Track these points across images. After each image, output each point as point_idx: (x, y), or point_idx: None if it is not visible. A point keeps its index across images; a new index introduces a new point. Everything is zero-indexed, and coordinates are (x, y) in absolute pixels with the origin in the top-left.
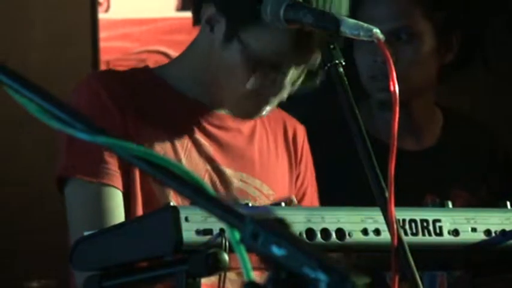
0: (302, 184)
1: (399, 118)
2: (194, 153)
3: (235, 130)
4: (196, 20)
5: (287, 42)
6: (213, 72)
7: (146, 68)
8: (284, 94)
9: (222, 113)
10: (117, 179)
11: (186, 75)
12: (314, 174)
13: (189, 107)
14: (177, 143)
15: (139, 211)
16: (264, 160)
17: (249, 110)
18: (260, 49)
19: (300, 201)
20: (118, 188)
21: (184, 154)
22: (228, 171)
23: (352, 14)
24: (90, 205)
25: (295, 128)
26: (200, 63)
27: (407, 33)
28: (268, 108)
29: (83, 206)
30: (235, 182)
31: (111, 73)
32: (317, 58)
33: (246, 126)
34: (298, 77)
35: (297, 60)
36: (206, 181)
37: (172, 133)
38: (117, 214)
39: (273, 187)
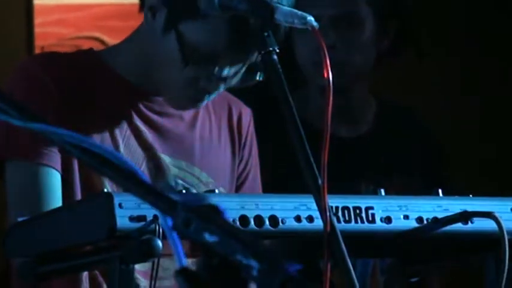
0: (244, 169)
1: (337, 105)
2: (132, 141)
3: (176, 116)
4: (141, 6)
5: (223, 39)
6: (153, 59)
7: (90, 51)
8: (221, 89)
9: (161, 98)
10: (56, 160)
11: (130, 60)
12: (257, 159)
13: (130, 92)
14: (116, 130)
15: (78, 196)
16: (204, 147)
17: (184, 102)
18: (196, 42)
19: (240, 185)
20: (56, 169)
21: (122, 141)
22: (167, 159)
23: None
24: (27, 186)
25: (241, 111)
26: (143, 49)
27: (350, 19)
28: (203, 103)
29: (20, 187)
30: (173, 170)
31: (51, 56)
32: (254, 56)
33: (187, 112)
34: (236, 73)
35: (233, 57)
36: (143, 169)
37: (112, 119)
38: (55, 195)
39: (213, 175)
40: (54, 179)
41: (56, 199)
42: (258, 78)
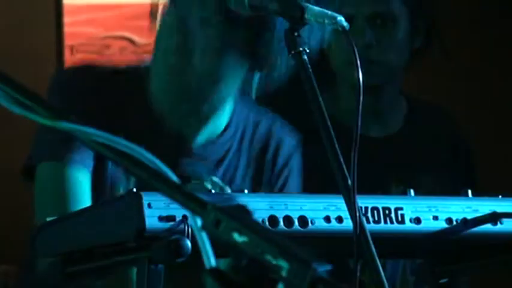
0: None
1: (368, 104)
2: None
3: (199, 157)
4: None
5: None
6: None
7: (137, 67)
8: None
9: (189, 138)
10: (85, 159)
11: (157, 89)
12: (298, 182)
13: (156, 128)
14: None
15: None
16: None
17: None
18: None
19: None
20: (86, 168)
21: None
22: None
23: None
24: (57, 185)
25: (281, 142)
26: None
27: (386, 18)
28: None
29: (49, 187)
30: None
31: (90, 71)
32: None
33: (215, 151)
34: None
35: None
36: None
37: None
38: (84, 194)
39: None
40: (84, 178)
41: (85, 198)
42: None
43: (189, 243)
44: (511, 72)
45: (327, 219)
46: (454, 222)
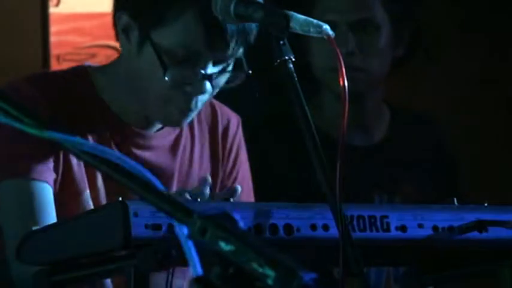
0: (230, 175)
1: (351, 112)
2: None
3: (157, 148)
4: (116, 34)
5: (197, 36)
6: (136, 81)
7: (83, 71)
8: (207, 93)
9: (145, 131)
10: (48, 175)
11: (114, 88)
12: (246, 165)
13: (112, 124)
14: None
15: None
16: (183, 172)
17: (174, 116)
18: (172, 46)
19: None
20: (48, 183)
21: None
22: None
23: (313, 4)
24: (21, 201)
25: (228, 120)
26: (125, 74)
27: (368, 25)
28: (193, 112)
29: (13, 204)
30: None
31: (43, 77)
32: (233, 51)
33: (168, 140)
34: (222, 72)
35: (213, 54)
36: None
37: None
38: (48, 209)
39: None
40: (47, 193)
41: (50, 213)
42: (245, 74)
43: (174, 251)
44: (496, 79)
45: (313, 227)
46: (440, 230)
